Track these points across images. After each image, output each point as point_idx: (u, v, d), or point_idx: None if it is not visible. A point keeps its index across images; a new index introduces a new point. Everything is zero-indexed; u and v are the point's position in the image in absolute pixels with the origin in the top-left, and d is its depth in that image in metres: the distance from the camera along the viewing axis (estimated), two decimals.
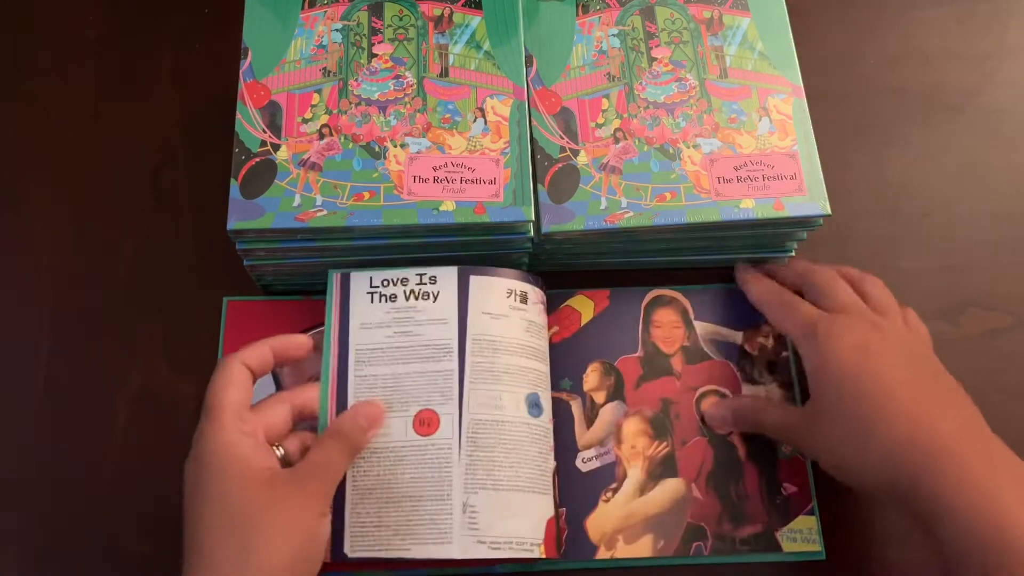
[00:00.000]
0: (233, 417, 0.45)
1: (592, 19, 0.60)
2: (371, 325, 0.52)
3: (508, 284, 0.53)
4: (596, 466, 0.55)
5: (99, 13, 0.68)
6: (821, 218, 0.55)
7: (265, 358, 0.49)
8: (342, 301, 0.53)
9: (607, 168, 0.55)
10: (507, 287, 0.53)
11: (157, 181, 0.62)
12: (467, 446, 0.49)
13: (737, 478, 0.55)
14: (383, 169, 0.53)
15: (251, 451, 0.45)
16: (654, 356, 0.58)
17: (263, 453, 0.46)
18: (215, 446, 0.44)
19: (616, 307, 0.59)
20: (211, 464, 0.44)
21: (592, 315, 0.59)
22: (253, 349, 0.48)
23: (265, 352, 0.49)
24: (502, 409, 0.51)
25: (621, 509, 0.54)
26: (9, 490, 0.55)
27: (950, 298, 0.61)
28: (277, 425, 0.48)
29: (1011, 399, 0.58)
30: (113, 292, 0.59)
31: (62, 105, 0.65)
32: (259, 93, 0.55)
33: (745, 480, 0.55)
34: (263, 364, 0.49)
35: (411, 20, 0.58)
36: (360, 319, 0.53)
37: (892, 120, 0.67)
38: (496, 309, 0.53)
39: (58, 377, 0.57)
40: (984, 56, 0.69)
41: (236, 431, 0.45)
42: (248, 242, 0.53)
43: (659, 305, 0.59)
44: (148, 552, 0.53)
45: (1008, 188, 0.65)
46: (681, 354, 0.58)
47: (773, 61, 0.59)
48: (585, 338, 0.58)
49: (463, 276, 0.53)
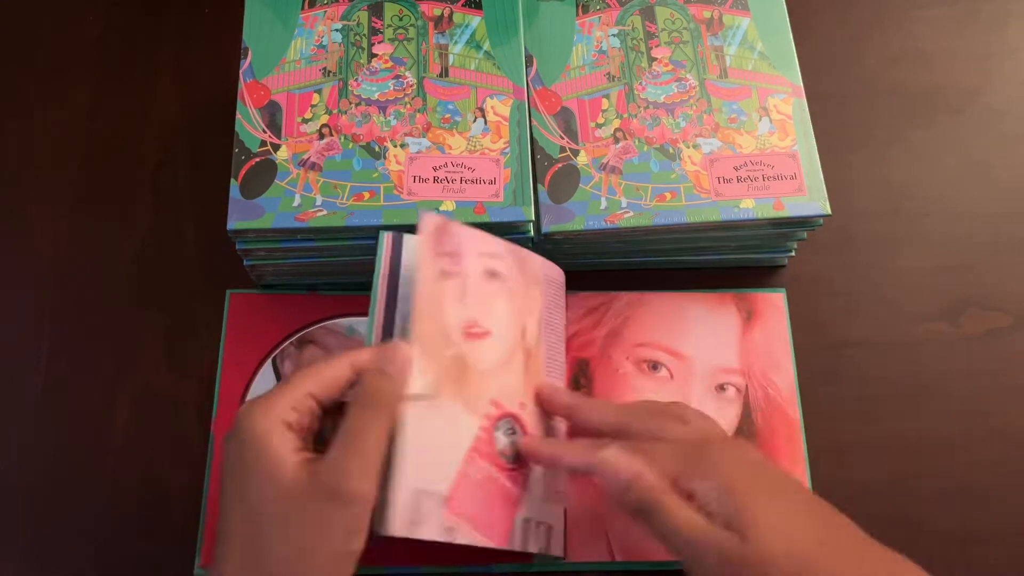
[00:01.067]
0: (285, 405, 0.41)
1: (592, 19, 0.60)
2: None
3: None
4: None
5: (99, 13, 0.68)
6: (821, 218, 0.55)
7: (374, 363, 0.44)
8: (392, 263, 0.48)
9: (607, 168, 0.55)
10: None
11: (157, 181, 0.62)
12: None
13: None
14: (383, 169, 0.53)
15: (289, 450, 0.40)
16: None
17: (303, 456, 0.40)
18: (253, 433, 0.40)
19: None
20: (245, 454, 0.40)
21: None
22: (371, 351, 0.43)
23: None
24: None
25: None
26: (9, 490, 0.55)
27: (950, 298, 0.61)
28: (330, 392, 0.42)
29: (1011, 399, 0.58)
30: (113, 292, 0.59)
31: (62, 104, 0.65)
32: (259, 93, 0.55)
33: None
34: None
35: (411, 20, 0.58)
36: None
37: (892, 120, 0.67)
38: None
39: (58, 377, 0.57)
40: (984, 56, 0.69)
41: (279, 421, 0.40)
42: (248, 242, 0.53)
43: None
44: (148, 552, 0.53)
45: (1008, 188, 0.65)
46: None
47: (773, 61, 0.59)
48: None
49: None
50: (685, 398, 0.57)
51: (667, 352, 0.58)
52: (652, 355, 0.58)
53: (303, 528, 0.39)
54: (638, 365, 0.57)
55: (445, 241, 0.47)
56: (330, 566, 0.39)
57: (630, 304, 0.59)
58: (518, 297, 0.51)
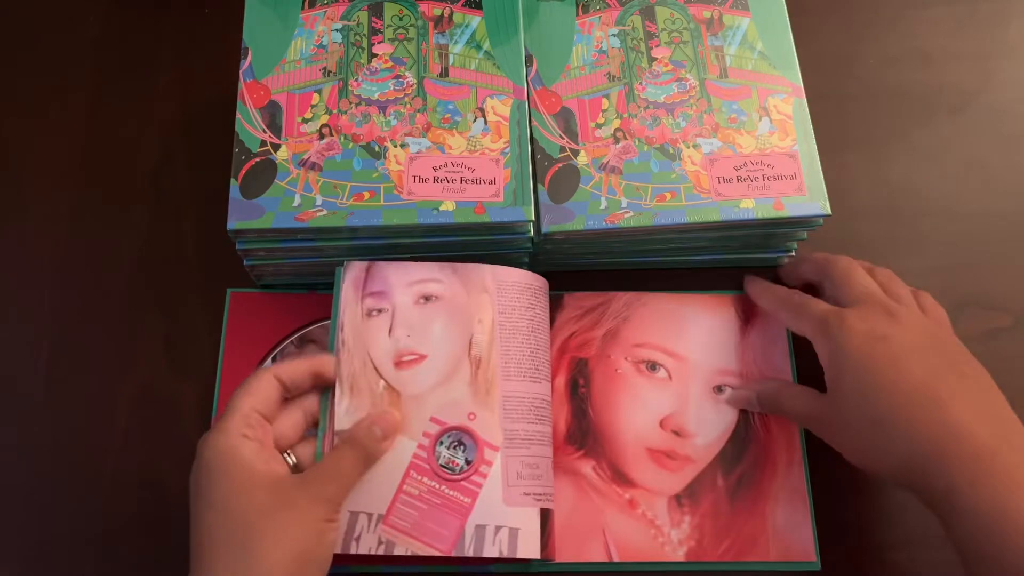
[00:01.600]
0: (239, 422, 0.45)
1: (592, 19, 0.60)
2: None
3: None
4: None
5: (99, 13, 0.68)
6: (821, 218, 0.55)
7: (299, 375, 0.48)
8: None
9: (607, 168, 0.55)
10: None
11: (157, 181, 0.62)
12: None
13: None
14: (383, 169, 0.53)
15: (253, 455, 0.44)
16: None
17: (267, 457, 0.45)
18: (216, 451, 0.44)
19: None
20: (213, 468, 0.44)
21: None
22: (291, 365, 0.48)
23: (302, 369, 0.48)
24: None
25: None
26: (9, 490, 0.55)
27: (950, 298, 0.60)
28: (288, 431, 0.48)
29: (1011, 399, 0.58)
30: (113, 292, 0.59)
31: (62, 104, 0.65)
32: (259, 93, 0.55)
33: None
34: (296, 381, 0.48)
35: (411, 20, 0.58)
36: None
37: (892, 120, 0.67)
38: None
39: (58, 377, 0.57)
40: (984, 56, 0.69)
41: (238, 435, 0.44)
42: (248, 242, 0.53)
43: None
44: (148, 552, 0.53)
45: (1008, 188, 0.65)
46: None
47: (773, 61, 0.59)
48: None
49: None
50: (683, 399, 0.57)
51: (665, 353, 0.58)
52: (650, 355, 0.58)
53: (288, 519, 0.43)
54: (636, 365, 0.57)
55: (371, 283, 0.52)
56: (317, 566, 0.44)
57: (628, 304, 0.59)
58: (460, 311, 0.52)
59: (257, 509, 0.43)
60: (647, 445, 0.56)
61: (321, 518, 0.44)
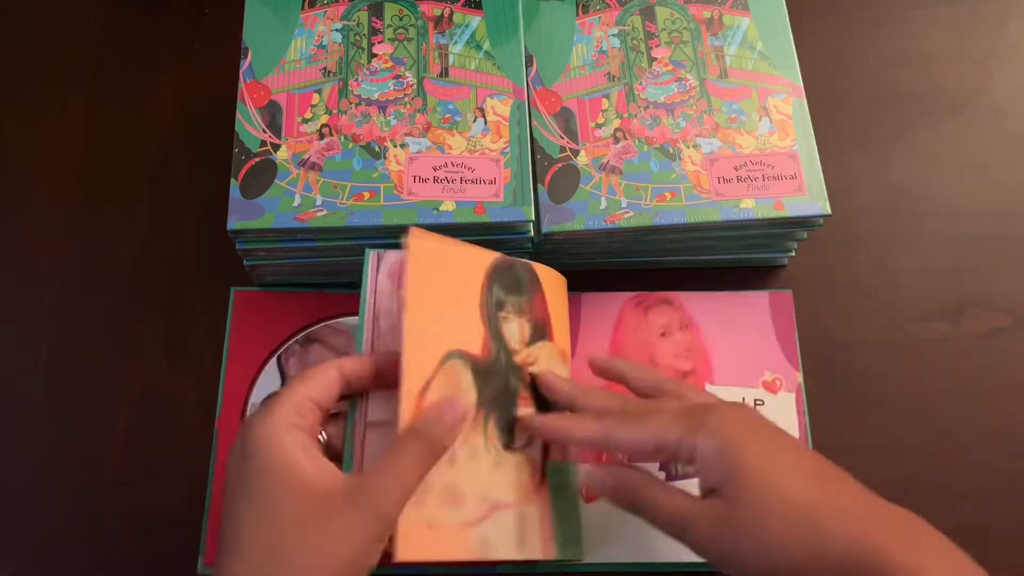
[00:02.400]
0: (289, 409, 0.41)
1: (592, 19, 0.60)
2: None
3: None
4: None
5: (99, 13, 0.68)
6: (821, 218, 0.55)
7: (364, 370, 0.44)
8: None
9: (607, 168, 0.55)
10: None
11: (157, 181, 0.62)
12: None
13: None
14: (383, 169, 0.53)
15: (299, 451, 0.40)
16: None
17: (315, 455, 0.40)
18: (260, 440, 0.40)
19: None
20: (253, 458, 0.39)
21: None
22: (356, 360, 0.44)
23: (367, 365, 0.44)
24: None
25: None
26: (9, 490, 0.55)
27: (950, 298, 0.61)
28: (326, 394, 0.43)
29: (1011, 399, 0.58)
30: (113, 292, 0.59)
31: (62, 104, 0.65)
32: (259, 93, 0.55)
33: None
34: (359, 376, 0.44)
35: (411, 20, 0.58)
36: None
37: (892, 120, 0.67)
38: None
39: (58, 377, 0.57)
40: (984, 56, 0.69)
41: (286, 424, 0.40)
42: (248, 242, 0.53)
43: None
44: (148, 552, 0.53)
45: (1008, 188, 0.65)
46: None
47: (773, 61, 0.59)
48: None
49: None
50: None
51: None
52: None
53: (328, 533, 0.38)
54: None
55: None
56: (348, 573, 0.39)
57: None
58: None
59: (294, 515, 0.39)
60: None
61: (368, 539, 0.39)
